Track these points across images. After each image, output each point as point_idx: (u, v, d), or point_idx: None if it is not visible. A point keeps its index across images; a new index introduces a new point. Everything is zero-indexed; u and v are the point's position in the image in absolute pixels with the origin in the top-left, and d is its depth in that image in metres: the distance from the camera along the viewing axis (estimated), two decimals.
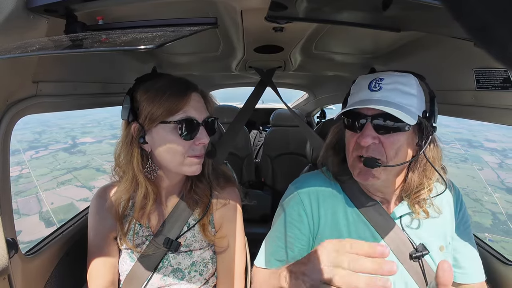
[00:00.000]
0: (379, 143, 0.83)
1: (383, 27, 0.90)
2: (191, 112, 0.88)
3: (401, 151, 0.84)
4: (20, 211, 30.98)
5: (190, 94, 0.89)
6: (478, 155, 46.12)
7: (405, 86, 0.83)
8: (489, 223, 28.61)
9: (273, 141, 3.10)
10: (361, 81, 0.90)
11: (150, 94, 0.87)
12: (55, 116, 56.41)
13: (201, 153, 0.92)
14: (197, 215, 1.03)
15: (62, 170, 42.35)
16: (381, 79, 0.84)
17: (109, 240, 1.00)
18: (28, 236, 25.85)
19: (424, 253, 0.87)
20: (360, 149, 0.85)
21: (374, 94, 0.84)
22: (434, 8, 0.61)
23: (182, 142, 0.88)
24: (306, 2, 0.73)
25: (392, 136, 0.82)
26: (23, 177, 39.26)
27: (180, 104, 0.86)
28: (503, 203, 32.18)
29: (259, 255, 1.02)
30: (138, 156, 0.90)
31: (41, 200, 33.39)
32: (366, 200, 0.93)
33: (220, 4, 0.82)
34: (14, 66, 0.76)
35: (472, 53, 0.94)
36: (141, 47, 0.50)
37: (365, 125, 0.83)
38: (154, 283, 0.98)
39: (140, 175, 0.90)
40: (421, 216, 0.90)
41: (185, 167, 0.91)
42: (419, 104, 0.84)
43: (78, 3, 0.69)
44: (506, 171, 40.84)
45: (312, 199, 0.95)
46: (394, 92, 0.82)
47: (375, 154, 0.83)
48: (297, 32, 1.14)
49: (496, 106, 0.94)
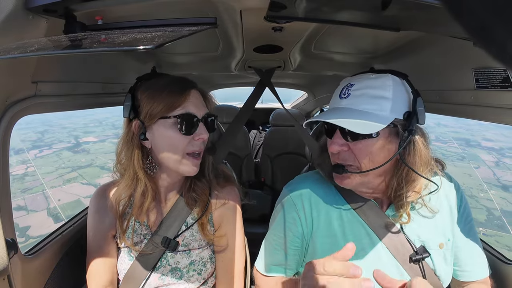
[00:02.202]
0: (349, 149, 0.84)
1: (383, 27, 0.90)
2: (190, 108, 0.90)
3: (376, 156, 0.82)
4: (28, 207, 31.51)
5: (189, 91, 0.91)
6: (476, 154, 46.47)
7: (376, 90, 0.81)
8: (483, 219, 29.48)
9: (273, 141, 3.10)
10: (339, 85, 0.91)
11: (150, 91, 0.89)
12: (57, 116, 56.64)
13: (200, 149, 0.93)
14: (196, 214, 1.03)
15: (67, 168, 42.81)
16: (351, 84, 0.85)
17: (108, 239, 1.00)
18: (37, 231, 26.25)
19: (425, 256, 0.86)
20: (334, 155, 0.87)
21: (341, 102, 0.85)
22: (434, 8, 0.61)
23: (181, 137, 0.89)
24: (305, 1, 0.73)
25: (360, 142, 0.82)
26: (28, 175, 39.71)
27: (180, 100, 0.88)
28: (498, 199, 32.97)
29: (259, 258, 1.04)
30: (139, 152, 0.92)
31: (48, 197, 33.95)
32: (361, 200, 0.93)
33: (219, 4, 0.82)
34: (13, 66, 0.76)
35: (471, 53, 0.94)
36: (141, 48, 0.49)
37: (334, 133, 0.85)
38: (152, 282, 0.98)
39: (140, 171, 0.92)
40: (415, 215, 0.89)
41: (182, 166, 0.92)
42: (395, 106, 0.80)
43: (77, 3, 0.69)
44: (503, 169, 41.26)
45: (305, 201, 0.95)
46: (361, 98, 0.82)
47: (346, 160, 0.85)
48: (297, 32, 1.14)
49: (496, 105, 0.94)
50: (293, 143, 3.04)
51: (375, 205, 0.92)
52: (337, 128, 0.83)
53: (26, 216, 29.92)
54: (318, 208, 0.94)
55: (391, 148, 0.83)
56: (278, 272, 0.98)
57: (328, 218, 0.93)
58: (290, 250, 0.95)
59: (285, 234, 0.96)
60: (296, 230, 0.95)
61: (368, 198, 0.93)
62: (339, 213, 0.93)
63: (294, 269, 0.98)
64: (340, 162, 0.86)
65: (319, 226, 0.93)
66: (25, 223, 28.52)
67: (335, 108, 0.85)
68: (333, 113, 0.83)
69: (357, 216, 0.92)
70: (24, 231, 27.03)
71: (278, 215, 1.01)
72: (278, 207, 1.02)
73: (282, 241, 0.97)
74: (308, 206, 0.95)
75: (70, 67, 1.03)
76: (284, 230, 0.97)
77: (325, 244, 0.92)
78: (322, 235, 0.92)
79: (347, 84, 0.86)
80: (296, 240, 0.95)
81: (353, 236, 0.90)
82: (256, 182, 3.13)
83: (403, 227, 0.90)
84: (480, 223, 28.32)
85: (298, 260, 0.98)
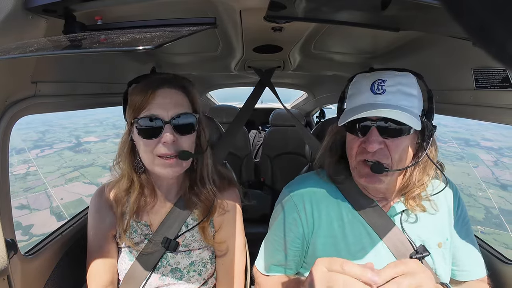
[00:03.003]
0: (385, 147, 0.82)
1: (382, 27, 0.90)
2: (155, 109, 0.86)
3: (405, 153, 0.84)
4: (30, 206, 31.82)
5: (156, 91, 0.87)
6: (475, 153, 46.77)
7: (407, 87, 0.82)
8: (481, 217, 29.86)
9: (272, 141, 3.10)
10: (361, 81, 0.88)
11: (131, 93, 0.92)
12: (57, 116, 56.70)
13: (166, 153, 0.87)
14: (197, 216, 1.03)
15: (69, 168, 43.08)
16: (383, 80, 0.83)
17: (108, 239, 1.00)
18: (40, 229, 26.54)
19: (425, 254, 0.87)
20: (365, 153, 0.84)
21: (378, 98, 0.82)
22: (433, 8, 0.61)
23: (146, 142, 0.88)
24: (305, 1, 0.73)
25: (399, 139, 0.81)
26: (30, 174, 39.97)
27: (144, 101, 0.86)
28: (496, 198, 33.35)
29: (259, 257, 1.04)
30: (129, 151, 0.95)
31: (50, 196, 34.25)
32: (364, 200, 0.93)
33: (219, 4, 0.82)
34: (13, 66, 0.76)
35: (471, 53, 0.94)
36: (140, 48, 0.49)
37: (370, 130, 0.82)
38: (153, 283, 0.98)
39: (131, 171, 0.95)
40: (418, 211, 0.90)
41: (156, 167, 0.90)
42: (419, 104, 0.84)
43: (77, 3, 0.69)
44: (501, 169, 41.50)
45: (306, 202, 0.95)
46: (398, 95, 0.81)
47: (381, 159, 0.82)
48: (296, 32, 1.14)
49: (495, 105, 0.95)
50: (293, 143, 3.04)
51: (377, 204, 0.93)
52: (372, 126, 0.81)
53: (29, 214, 30.23)
54: (319, 209, 0.94)
55: (414, 144, 0.86)
56: (278, 272, 0.99)
57: (329, 219, 0.93)
58: (291, 250, 0.95)
59: (286, 234, 0.96)
60: (297, 230, 0.95)
61: (371, 197, 0.93)
62: (339, 213, 0.93)
63: (294, 269, 0.99)
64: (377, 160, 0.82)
65: (320, 227, 0.93)
66: (28, 221, 28.75)
67: (374, 104, 0.82)
68: (372, 108, 0.79)
69: (358, 216, 0.92)
70: (27, 230, 27.19)
71: (278, 215, 1.01)
72: (279, 208, 1.02)
73: (282, 242, 0.97)
74: (309, 207, 0.94)
75: (69, 67, 1.03)
76: (284, 230, 0.96)
77: (325, 245, 0.92)
78: (323, 236, 0.92)
79: (377, 79, 0.84)
80: (297, 240, 0.95)
81: (353, 236, 0.91)
82: (256, 182, 3.13)
83: (404, 226, 0.90)
84: (478, 221, 28.65)
85: (299, 260, 0.98)
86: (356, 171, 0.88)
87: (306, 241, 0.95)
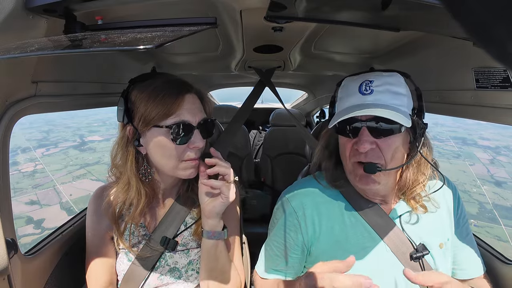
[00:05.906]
0: (376, 147, 0.83)
1: (382, 27, 0.90)
2: (185, 115, 0.86)
3: (398, 152, 0.84)
4: (40, 202, 32.83)
5: (184, 96, 0.87)
6: (472, 152, 47.35)
7: (395, 87, 0.83)
8: (475, 211, 31.17)
9: (273, 140, 3.10)
10: (349, 84, 0.89)
11: (143, 96, 0.86)
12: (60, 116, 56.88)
13: (196, 157, 0.90)
14: (195, 214, 1.03)
15: (76, 165, 43.83)
16: (370, 81, 0.84)
17: (106, 240, 1.00)
18: (52, 223, 27.48)
19: (425, 253, 0.88)
20: (358, 154, 0.84)
21: (366, 98, 0.83)
22: (433, 8, 0.61)
23: (176, 147, 0.86)
24: (305, 1, 0.73)
25: (390, 138, 0.82)
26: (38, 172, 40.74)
27: (173, 107, 0.84)
28: (490, 194, 34.53)
29: (259, 262, 1.05)
30: (133, 158, 0.90)
31: (59, 192, 35.21)
32: (365, 202, 0.93)
33: (219, 4, 0.82)
34: (13, 66, 0.76)
35: (471, 53, 0.94)
36: (140, 47, 0.49)
37: (360, 130, 0.82)
38: (151, 283, 0.98)
39: (133, 177, 0.90)
40: (419, 211, 0.90)
41: (179, 171, 0.90)
42: (408, 102, 0.85)
43: (77, 3, 0.69)
44: (497, 166, 42.11)
45: (306, 208, 0.95)
46: (386, 94, 0.82)
47: (374, 159, 0.82)
48: (297, 32, 1.14)
49: (496, 105, 0.95)
50: (293, 143, 3.04)
51: (378, 207, 0.93)
52: (363, 126, 0.82)
53: (40, 210, 31.33)
54: (319, 214, 0.94)
55: (407, 143, 0.87)
56: (277, 275, 0.99)
57: (330, 223, 0.93)
58: (291, 258, 0.96)
59: (286, 241, 0.96)
60: (297, 237, 0.94)
61: (372, 200, 0.93)
62: (341, 217, 0.93)
63: (293, 274, 0.99)
64: (368, 161, 0.83)
65: (320, 232, 0.93)
66: (40, 216, 29.95)
67: (362, 104, 0.82)
68: (361, 108, 0.80)
69: (360, 218, 0.92)
70: (39, 224, 28.51)
71: (278, 222, 1.00)
72: (278, 214, 1.01)
73: (282, 248, 0.97)
74: (309, 213, 0.94)
75: (70, 67, 1.03)
76: (284, 237, 0.96)
77: (327, 249, 0.92)
78: (324, 240, 0.92)
79: (364, 80, 0.85)
80: (296, 248, 0.95)
81: (356, 239, 0.91)
82: (256, 182, 3.13)
83: (404, 227, 0.91)
84: (471, 215, 29.84)
85: (299, 267, 0.98)
86: (352, 175, 0.89)
87: (307, 247, 0.95)
